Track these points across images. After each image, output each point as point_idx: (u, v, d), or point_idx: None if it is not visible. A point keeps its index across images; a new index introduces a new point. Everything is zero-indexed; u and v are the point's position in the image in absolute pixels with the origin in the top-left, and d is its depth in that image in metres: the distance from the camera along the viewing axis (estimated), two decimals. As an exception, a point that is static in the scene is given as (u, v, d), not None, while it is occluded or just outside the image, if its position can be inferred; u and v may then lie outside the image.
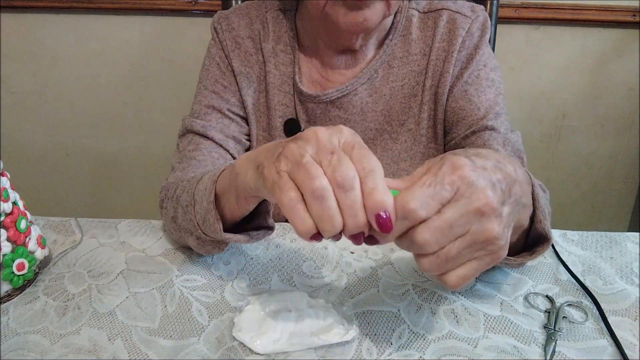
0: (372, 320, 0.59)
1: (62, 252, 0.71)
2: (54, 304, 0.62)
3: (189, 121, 0.78)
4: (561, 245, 0.72)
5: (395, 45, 0.77)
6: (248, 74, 0.80)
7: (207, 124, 0.77)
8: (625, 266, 0.68)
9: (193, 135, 0.77)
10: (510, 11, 1.30)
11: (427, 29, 0.77)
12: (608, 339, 0.57)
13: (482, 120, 0.74)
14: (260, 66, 0.80)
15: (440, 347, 0.55)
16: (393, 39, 0.77)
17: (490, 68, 0.77)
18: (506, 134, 0.74)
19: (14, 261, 0.61)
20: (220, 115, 0.79)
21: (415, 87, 0.77)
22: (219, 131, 0.78)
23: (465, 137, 0.74)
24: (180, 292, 0.64)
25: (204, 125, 0.77)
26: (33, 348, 0.56)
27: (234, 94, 0.80)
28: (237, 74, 0.80)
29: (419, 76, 0.77)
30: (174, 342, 0.56)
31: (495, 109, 0.75)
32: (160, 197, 0.73)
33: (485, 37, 0.76)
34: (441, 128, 0.78)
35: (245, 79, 0.80)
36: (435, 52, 0.76)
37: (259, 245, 0.72)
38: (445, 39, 0.76)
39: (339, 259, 0.69)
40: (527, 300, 0.62)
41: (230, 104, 0.80)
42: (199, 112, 0.79)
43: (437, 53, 0.76)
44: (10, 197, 0.61)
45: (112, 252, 0.71)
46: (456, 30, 0.75)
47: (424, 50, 0.77)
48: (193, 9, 1.34)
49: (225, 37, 0.80)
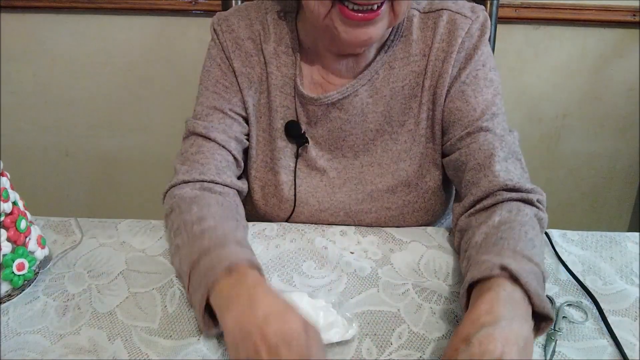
0: (372, 320, 0.59)
1: (62, 252, 0.71)
2: (54, 304, 0.62)
3: (191, 123, 0.78)
4: (561, 245, 0.72)
5: (396, 46, 0.77)
6: (249, 75, 0.80)
7: (209, 125, 0.77)
8: (625, 266, 0.68)
9: (196, 137, 0.77)
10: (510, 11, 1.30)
11: (427, 29, 0.77)
12: (608, 338, 0.57)
13: (477, 121, 0.73)
14: (261, 67, 0.80)
15: (440, 347, 0.55)
16: (394, 40, 0.77)
17: (489, 68, 0.76)
18: (502, 135, 0.73)
19: (14, 261, 0.61)
20: (223, 116, 0.79)
21: (415, 87, 0.77)
22: (222, 132, 0.78)
23: (460, 138, 0.74)
24: (180, 292, 0.64)
25: (206, 127, 0.77)
26: (33, 348, 0.56)
27: (236, 94, 0.80)
28: (238, 74, 0.80)
29: (418, 77, 0.77)
30: (174, 342, 0.56)
31: (492, 109, 0.74)
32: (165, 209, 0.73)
33: (484, 37, 0.76)
34: (439, 128, 0.78)
35: (247, 79, 0.80)
36: (434, 52, 0.76)
37: (259, 245, 0.72)
38: (445, 40, 0.76)
39: (339, 259, 0.69)
40: (527, 300, 0.62)
41: (232, 104, 0.80)
42: (201, 114, 0.79)
43: (437, 54, 0.76)
44: (10, 197, 0.61)
45: (112, 252, 0.71)
46: (456, 31, 0.75)
47: (423, 50, 0.77)
48: (193, 9, 1.34)
49: (226, 38, 0.80)
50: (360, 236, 0.74)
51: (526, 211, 0.65)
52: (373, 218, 0.79)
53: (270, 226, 0.76)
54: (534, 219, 0.65)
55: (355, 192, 0.79)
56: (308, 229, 0.75)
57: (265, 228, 0.76)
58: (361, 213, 0.79)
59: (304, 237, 0.74)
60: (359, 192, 0.79)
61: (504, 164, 0.70)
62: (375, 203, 0.79)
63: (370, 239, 0.73)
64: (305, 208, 0.80)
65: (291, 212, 0.80)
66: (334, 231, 0.75)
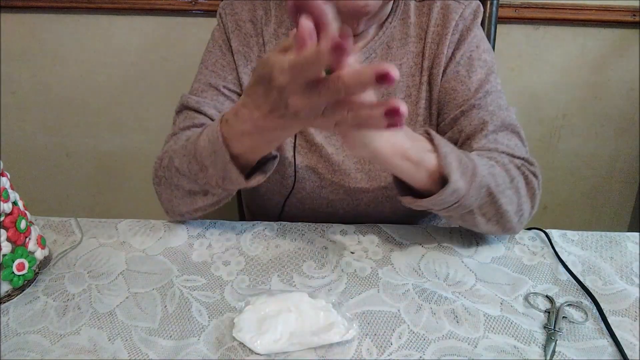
0: (372, 320, 0.59)
1: (62, 252, 0.71)
2: (54, 304, 0.62)
3: (185, 98, 0.81)
4: (561, 245, 0.72)
5: (394, 27, 0.81)
6: (246, 53, 0.83)
7: (202, 100, 0.80)
8: (625, 266, 0.68)
9: (188, 111, 0.80)
10: (510, 11, 1.30)
11: (422, 15, 0.81)
12: (608, 339, 0.57)
13: (470, 100, 0.75)
14: (259, 48, 0.83)
15: (440, 347, 0.55)
16: (392, 22, 0.80)
17: (482, 49, 0.79)
18: (494, 110, 0.75)
19: (14, 261, 0.61)
20: (216, 93, 0.81)
21: (413, 67, 0.80)
22: (213, 107, 0.80)
23: (455, 118, 0.76)
24: (180, 292, 0.64)
25: (198, 102, 0.79)
26: (33, 348, 0.56)
27: (232, 71, 0.83)
28: (235, 52, 0.82)
29: (416, 57, 0.80)
30: (174, 342, 0.56)
31: (485, 87, 0.76)
32: (154, 168, 0.76)
33: (477, 20, 0.80)
34: (435, 108, 0.80)
35: (243, 57, 0.83)
36: (430, 35, 0.79)
37: (259, 245, 0.72)
38: (440, 24, 0.79)
39: (339, 259, 0.69)
40: (527, 300, 0.62)
41: (227, 81, 0.82)
42: (197, 90, 0.82)
43: (432, 37, 0.79)
44: (10, 197, 0.61)
45: (112, 252, 0.71)
46: (449, 15, 0.79)
47: (420, 34, 0.80)
48: (193, 9, 1.34)
49: (228, 20, 0.83)
50: (361, 235, 0.74)
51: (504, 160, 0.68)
52: (371, 197, 0.81)
53: (271, 226, 0.76)
54: (510, 165, 0.68)
55: (354, 170, 0.81)
56: (308, 229, 0.75)
57: (265, 228, 0.76)
58: (360, 192, 0.81)
59: (304, 237, 0.74)
60: (358, 170, 0.81)
61: (493, 136, 0.72)
62: (372, 182, 0.80)
63: (371, 238, 0.73)
64: (306, 184, 0.81)
65: (291, 187, 0.81)
66: (334, 230, 0.75)
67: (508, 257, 0.70)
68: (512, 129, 0.74)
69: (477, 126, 0.74)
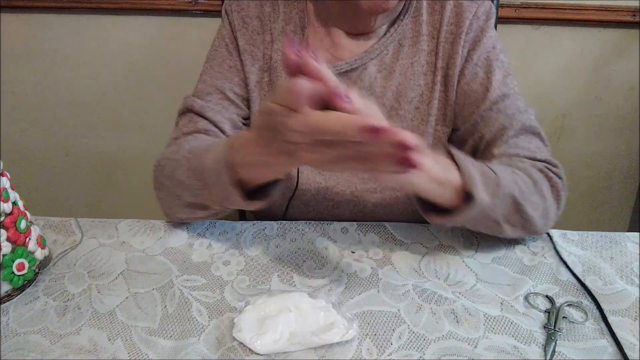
0: (372, 320, 0.59)
1: (62, 252, 0.71)
2: (54, 304, 0.62)
3: (189, 100, 0.80)
4: (561, 245, 0.72)
5: (406, 25, 0.79)
6: (253, 52, 0.81)
7: (206, 104, 0.78)
8: (625, 266, 0.68)
9: (192, 115, 0.79)
10: (510, 11, 1.30)
11: (434, 13, 0.80)
12: (608, 339, 0.57)
13: (488, 102, 0.75)
14: (266, 46, 0.81)
15: (440, 347, 0.55)
16: (404, 20, 0.79)
17: (499, 50, 0.79)
18: (513, 114, 0.74)
19: (14, 261, 0.61)
20: (222, 97, 0.80)
21: (425, 66, 0.79)
22: (217, 112, 0.79)
23: (474, 124, 0.76)
24: (180, 292, 0.64)
25: (202, 106, 0.78)
26: (33, 348, 0.55)
27: (238, 73, 0.81)
28: (242, 51, 0.81)
29: (429, 56, 0.79)
30: (174, 342, 0.56)
31: (502, 90, 0.76)
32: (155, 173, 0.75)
33: (490, 21, 0.79)
34: (451, 110, 0.79)
35: (250, 57, 0.81)
36: (443, 34, 0.78)
37: (259, 245, 0.72)
38: (453, 22, 0.78)
39: (339, 259, 0.69)
40: (527, 300, 0.62)
41: (234, 84, 0.81)
42: (201, 92, 0.80)
43: (446, 36, 0.78)
44: (10, 197, 0.61)
45: (112, 252, 0.71)
46: (463, 14, 0.77)
47: (432, 32, 0.79)
48: (193, 9, 1.34)
49: (234, 17, 0.81)
50: (362, 235, 0.74)
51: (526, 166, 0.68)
52: (378, 198, 0.79)
53: (271, 226, 0.76)
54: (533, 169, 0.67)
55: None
56: (308, 229, 0.75)
57: (265, 228, 0.76)
58: (367, 192, 0.79)
59: (304, 237, 0.74)
60: None
61: (514, 141, 0.72)
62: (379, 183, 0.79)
63: (371, 237, 0.73)
64: (311, 185, 0.80)
65: (294, 189, 0.80)
66: (335, 228, 0.75)
67: (509, 257, 0.70)
68: (532, 131, 0.74)
69: (497, 132, 0.73)
